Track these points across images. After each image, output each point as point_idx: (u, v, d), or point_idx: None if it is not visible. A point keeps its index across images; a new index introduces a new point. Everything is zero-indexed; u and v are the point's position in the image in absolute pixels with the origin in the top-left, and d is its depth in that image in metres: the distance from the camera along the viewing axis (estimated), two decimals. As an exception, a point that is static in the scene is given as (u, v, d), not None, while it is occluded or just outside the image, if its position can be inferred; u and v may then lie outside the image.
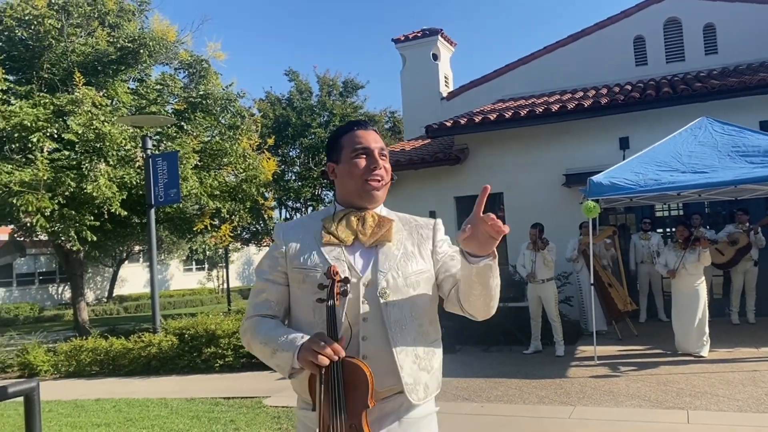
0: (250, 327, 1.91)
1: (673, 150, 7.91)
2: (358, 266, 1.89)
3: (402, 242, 1.96)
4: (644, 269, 10.51)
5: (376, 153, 1.95)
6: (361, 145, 1.95)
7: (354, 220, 1.94)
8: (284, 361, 1.77)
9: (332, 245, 1.91)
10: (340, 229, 1.93)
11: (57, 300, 29.05)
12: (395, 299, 1.86)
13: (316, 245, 1.91)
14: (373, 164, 1.94)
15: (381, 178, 1.95)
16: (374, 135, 1.99)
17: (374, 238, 1.92)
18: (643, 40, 12.81)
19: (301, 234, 1.97)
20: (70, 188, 10.81)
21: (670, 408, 5.77)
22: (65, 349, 9.97)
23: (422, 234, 2.01)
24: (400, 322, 1.86)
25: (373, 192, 1.94)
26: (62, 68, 12.31)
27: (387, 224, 1.96)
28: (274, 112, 23.51)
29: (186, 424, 6.25)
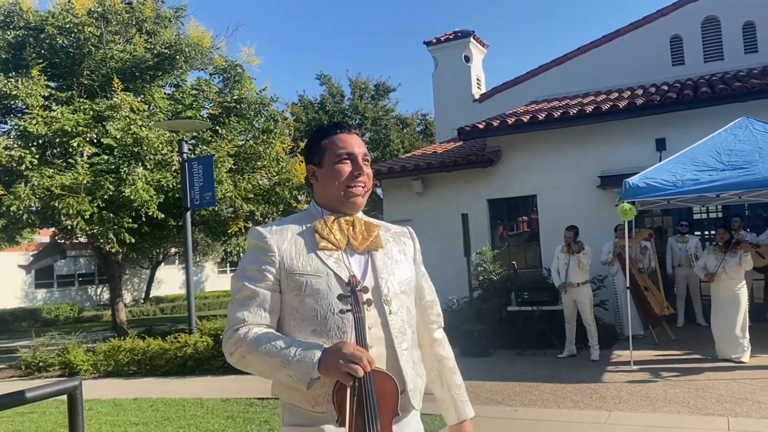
0: (244, 338, 1.76)
1: (712, 149, 7.72)
2: (357, 272, 1.84)
3: (390, 249, 1.94)
4: (681, 273, 10.31)
5: (359, 159, 1.89)
6: (345, 149, 1.89)
7: (345, 225, 1.89)
8: (301, 372, 1.66)
9: (328, 249, 1.84)
10: (334, 233, 1.87)
11: (96, 301, 29.70)
12: (396, 306, 1.85)
13: (313, 250, 1.83)
14: (356, 171, 1.88)
15: (364, 185, 1.90)
16: (357, 139, 1.94)
17: (365, 244, 1.88)
18: (680, 40, 12.57)
19: (290, 238, 1.86)
20: (109, 191, 11.06)
21: (710, 414, 5.64)
22: (104, 349, 10.19)
23: (404, 241, 2.01)
24: (401, 329, 1.84)
25: (356, 199, 1.89)
26: (101, 74, 12.60)
27: (375, 230, 1.93)
28: (306, 116, 23.71)
29: (221, 424, 6.34)
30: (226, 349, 1.81)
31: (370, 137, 24.72)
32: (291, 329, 1.81)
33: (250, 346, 1.75)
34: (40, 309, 23.96)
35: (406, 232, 2.06)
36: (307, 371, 1.66)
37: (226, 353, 1.82)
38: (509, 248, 11.92)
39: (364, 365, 1.60)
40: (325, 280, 1.79)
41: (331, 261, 1.82)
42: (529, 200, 11.80)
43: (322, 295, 1.78)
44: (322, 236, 1.85)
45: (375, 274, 1.85)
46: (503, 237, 12.17)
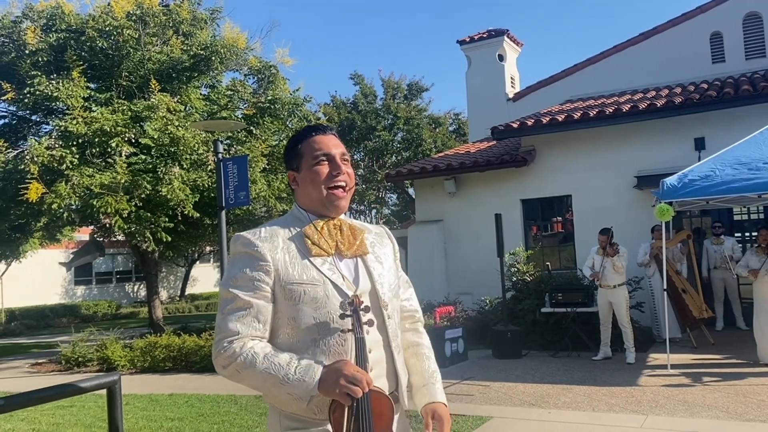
0: (240, 351, 1.70)
1: (753, 146, 7.52)
2: (350, 277, 1.82)
3: (376, 253, 1.93)
4: (718, 275, 10.08)
5: (337, 158, 1.87)
6: (321, 151, 1.86)
7: (333, 230, 1.86)
8: (301, 390, 1.65)
9: (320, 257, 1.80)
10: (324, 238, 1.83)
11: (133, 298, 30.30)
12: (391, 309, 1.87)
13: (306, 257, 1.79)
14: (335, 170, 1.86)
15: (345, 184, 1.87)
16: (334, 139, 1.91)
17: (353, 249, 1.86)
18: (721, 37, 12.28)
19: (282, 245, 1.80)
20: (146, 191, 11.27)
21: (751, 420, 5.50)
22: (140, 345, 10.39)
23: (385, 243, 2.00)
24: (395, 332, 1.88)
25: (338, 201, 1.86)
26: (139, 76, 12.84)
27: (360, 234, 1.90)
28: (339, 116, 23.81)
29: (255, 421, 6.40)
30: (218, 362, 1.74)
31: (402, 137, 24.72)
32: (287, 339, 1.76)
33: (247, 362, 1.69)
34: (79, 305, 24.55)
35: (384, 233, 2.03)
36: (308, 390, 1.65)
37: (218, 366, 1.75)
38: (543, 249, 11.80)
39: (363, 386, 1.61)
40: (322, 289, 1.76)
41: (325, 268, 1.79)
42: (563, 200, 11.67)
43: (320, 304, 1.75)
44: (313, 242, 1.81)
45: (371, 278, 1.86)
46: (537, 238, 12.05)
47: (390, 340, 1.84)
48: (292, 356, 1.71)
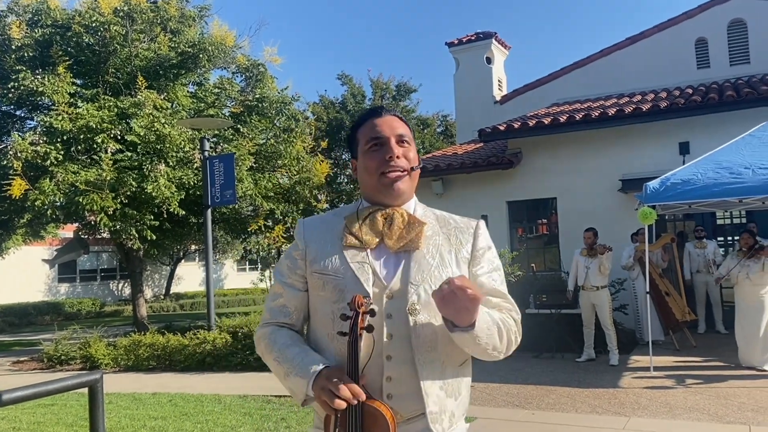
0: (264, 337, 1.74)
1: (735, 151, 7.60)
2: (383, 274, 1.66)
3: (438, 249, 1.71)
4: (700, 279, 10.18)
5: (392, 141, 1.71)
6: (374, 134, 1.73)
7: (380, 220, 1.71)
8: (298, 388, 1.60)
9: (355, 248, 1.69)
10: (364, 229, 1.70)
11: (117, 296, 30.10)
12: (426, 317, 1.63)
13: (338, 247, 1.70)
14: (388, 154, 1.69)
15: (401, 169, 1.70)
16: (391, 121, 1.75)
17: (401, 243, 1.68)
18: (706, 42, 12.41)
19: (322, 233, 1.75)
20: (131, 188, 11.21)
21: (731, 423, 5.57)
22: (124, 344, 10.32)
23: (461, 239, 1.76)
24: (430, 344, 1.62)
25: (394, 186, 1.69)
26: (126, 72, 12.77)
27: (417, 227, 1.70)
28: (327, 116, 23.80)
29: (238, 421, 6.39)
30: (255, 346, 1.80)
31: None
32: (316, 331, 1.73)
33: (266, 348, 1.72)
34: (62, 303, 24.34)
35: (470, 226, 1.80)
36: (302, 389, 1.59)
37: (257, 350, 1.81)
38: (528, 250, 11.86)
39: (346, 397, 1.48)
40: (343, 282, 1.66)
41: (356, 260, 1.67)
42: (548, 203, 11.74)
43: (339, 297, 1.65)
44: (350, 232, 1.71)
45: (405, 278, 1.65)
46: (522, 239, 12.11)
47: (415, 353, 1.60)
48: (304, 349, 1.66)
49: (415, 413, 1.63)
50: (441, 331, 1.62)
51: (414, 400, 1.61)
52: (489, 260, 1.78)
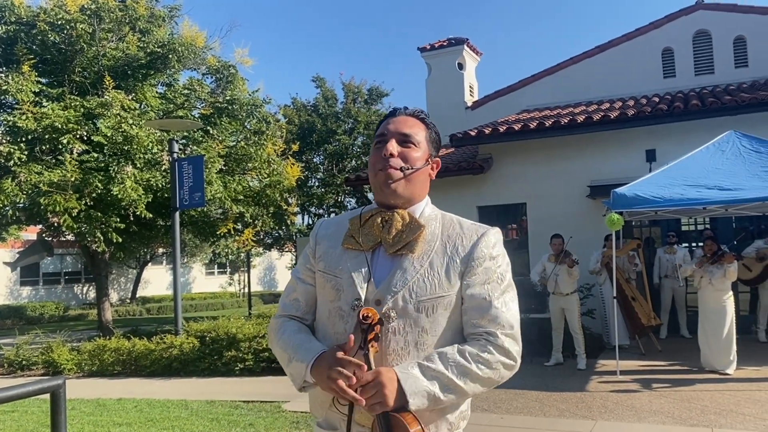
0: (274, 328, 1.79)
1: (700, 165, 7.82)
2: (376, 278, 1.65)
3: (429, 255, 1.65)
4: (668, 284, 10.36)
5: (392, 137, 1.69)
6: (380, 132, 1.73)
7: (378, 223, 1.69)
8: (297, 372, 1.61)
9: (355, 250, 1.70)
10: (363, 231, 1.70)
11: (81, 300, 29.49)
12: (401, 325, 1.59)
13: (341, 247, 1.73)
14: (384, 151, 1.67)
15: (393, 168, 1.66)
16: (402, 120, 1.74)
17: (398, 246, 1.65)
18: (672, 52, 12.67)
19: (333, 233, 1.78)
20: (97, 190, 11.00)
21: (695, 425, 5.67)
22: (89, 349, 10.11)
23: (458, 247, 1.67)
24: (401, 354, 1.59)
25: (389, 184, 1.66)
26: (93, 72, 12.55)
27: (416, 231, 1.66)
28: (299, 118, 23.68)
29: (206, 426, 6.29)
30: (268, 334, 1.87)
31: (362, 141, 24.73)
32: (319, 325, 1.76)
33: (274, 337, 1.77)
34: (24, 307, 23.76)
35: (474, 234, 1.70)
36: (300, 373, 1.60)
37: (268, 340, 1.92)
38: (498, 255, 11.93)
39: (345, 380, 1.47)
40: (340, 282, 1.67)
41: (355, 262, 1.68)
42: (518, 208, 11.84)
43: (335, 297, 1.67)
44: (351, 234, 1.72)
45: (388, 284, 1.63)
46: (492, 244, 12.18)
47: (387, 361, 1.58)
48: (308, 338, 1.69)
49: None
50: (414, 342, 1.60)
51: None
52: (487, 270, 1.67)
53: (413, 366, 1.54)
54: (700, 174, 7.60)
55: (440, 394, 1.53)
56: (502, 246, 1.75)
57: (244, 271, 30.53)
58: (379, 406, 1.48)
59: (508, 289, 1.70)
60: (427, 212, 1.74)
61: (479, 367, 1.57)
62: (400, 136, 1.70)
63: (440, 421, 1.63)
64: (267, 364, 9.01)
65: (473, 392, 1.59)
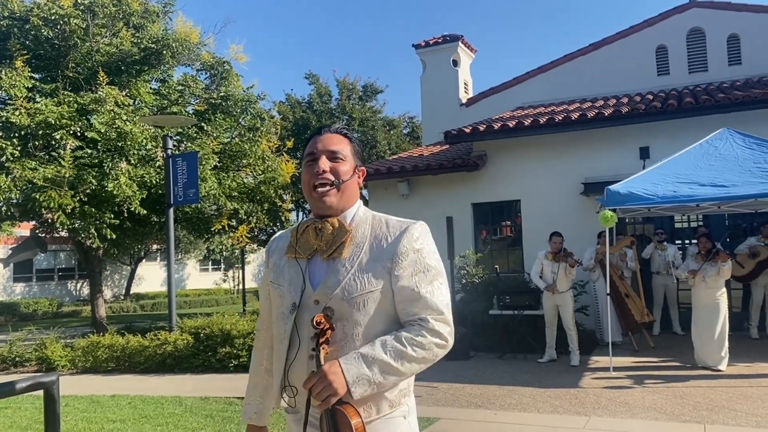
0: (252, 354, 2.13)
1: (693, 162, 7.84)
2: (312, 282, 1.82)
3: (359, 256, 1.80)
4: (659, 281, 10.40)
5: (322, 157, 1.84)
6: (309, 150, 1.89)
7: (311, 232, 1.86)
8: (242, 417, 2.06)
9: (295, 259, 1.88)
10: (301, 241, 1.88)
11: (75, 296, 29.40)
12: (337, 320, 1.76)
13: (285, 258, 1.92)
14: (315, 168, 1.83)
15: (327, 182, 1.82)
16: (329, 138, 1.88)
17: (329, 252, 1.82)
18: (666, 50, 12.71)
19: (281, 246, 1.97)
20: (91, 186, 10.96)
21: (687, 422, 5.70)
22: (82, 345, 10.08)
23: (383, 243, 1.81)
24: (340, 345, 1.75)
25: (323, 198, 1.82)
26: (87, 67, 12.49)
27: (344, 235, 1.82)
28: (293, 115, 23.66)
29: (200, 423, 6.30)
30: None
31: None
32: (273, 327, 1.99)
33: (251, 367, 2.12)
34: (18, 303, 23.65)
35: (397, 230, 1.83)
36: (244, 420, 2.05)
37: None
38: (492, 252, 11.98)
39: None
40: (282, 290, 1.88)
41: (293, 270, 1.87)
42: (512, 205, 11.87)
43: (280, 303, 1.88)
44: (291, 244, 1.91)
45: (324, 285, 1.79)
46: (486, 241, 12.22)
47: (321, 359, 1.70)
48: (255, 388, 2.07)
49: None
50: (351, 334, 1.76)
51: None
52: (414, 262, 1.79)
53: (355, 356, 1.69)
54: (693, 171, 7.63)
55: (380, 377, 1.68)
56: (428, 237, 1.88)
57: (238, 267, 30.48)
58: (331, 397, 1.63)
59: (436, 277, 1.82)
60: (358, 216, 1.88)
61: (414, 350, 1.72)
62: (328, 153, 1.86)
63: (380, 400, 1.77)
64: (261, 361, 9.01)
65: (411, 372, 1.75)
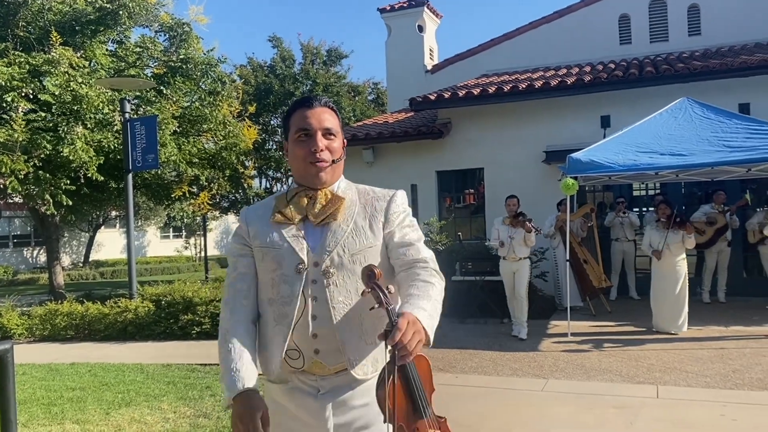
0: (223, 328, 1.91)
1: (653, 131, 7.97)
2: (310, 245, 1.88)
3: (353, 217, 1.91)
4: (618, 247, 10.62)
5: (318, 135, 1.89)
6: (303, 125, 1.91)
7: (305, 200, 1.93)
8: (224, 394, 1.82)
9: (285, 224, 1.91)
10: (291, 207, 1.93)
11: (32, 264, 28.74)
12: (340, 278, 1.85)
13: (271, 223, 1.94)
14: (313, 147, 1.88)
15: (324, 161, 1.90)
16: (320, 113, 1.92)
17: (321, 217, 1.89)
18: (629, 19, 12.80)
19: (261, 214, 1.98)
20: (46, 151, 10.62)
21: (641, 383, 5.90)
22: (40, 313, 9.88)
23: (376, 207, 1.95)
24: (345, 301, 1.85)
25: (319, 174, 1.90)
26: (38, 27, 11.99)
27: (337, 202, 1.92)
28: (256, 79, 23.20)
29: (162, 389, 6.26)
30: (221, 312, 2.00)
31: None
32: (259, 295, 1.95)
33: (221, 337, 1.90)
34: (-29, 271, 23.05)
35: (386, 196, 1.98)
36: (226, 398, 1.79)
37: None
38: (455, 220, 12.07)
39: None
40: (279, 252, 1.88)
41: (289, 234, 1.90)
42: (476, 173, 11.94)
43: (277, 266, 1.88)
44: (279, 211, 1.93)
45: (322, 246, 1.87)
46: (450, 209, 12.30)
47: (331, 309, 1.83)
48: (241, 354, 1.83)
49: (342, 366, 1.85)
50: (355, 289, 1.84)
51: (338, 353, 1.84)
52: (403, 220, 1.96)
53: (411, 306, 1.71)
54: (653, 140, 7.76)
55: (436, 320, 1.79)
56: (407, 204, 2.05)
57: (200, 235, 30.15)
58: (420, 345, 1.62)
59: (420, 236, 1.99)
60: (342, 186, 1.99)
61: (437, 288, 1.85)
62: (323, 130, 1.91)
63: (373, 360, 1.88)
64: (224, 328, 8.99)
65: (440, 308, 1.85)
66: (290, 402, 1.92)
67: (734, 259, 10.14)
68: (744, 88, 10.07)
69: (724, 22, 12.08)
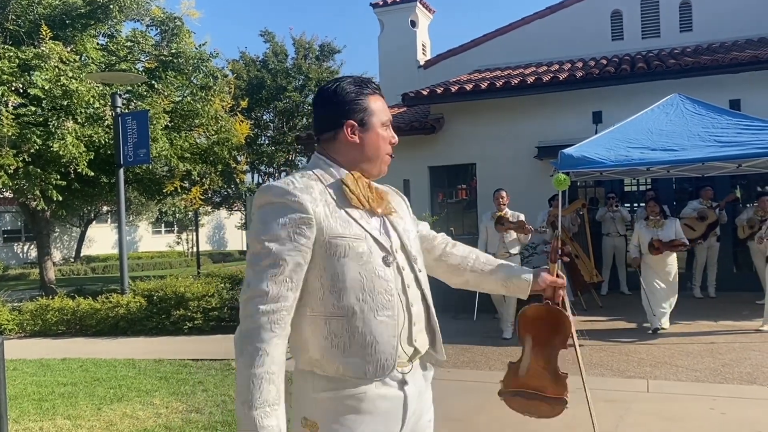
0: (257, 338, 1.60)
1: (645, 127, 7.99)
2: (389, 233, 1.81)
3: (399, 210, 1.93)
4: (609, 242, 10.68)
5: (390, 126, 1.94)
6: (389, 116, 1.89)
7: (367, 187, 1.83)
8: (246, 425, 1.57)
9: (360, 209, 1.75)
10: (363, 191, 1.78)
11: (22, 259, 28.61)
12: (421, 263, 1.92)
13: (343, 208, 1.72)
14: (394, 138, 1.91)
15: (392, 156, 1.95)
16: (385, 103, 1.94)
17: (382, 207, 1.82)
18: (621, 15, 12.83)
19: (319, 196, 1.71)
20: (35, 145, 10.55)
21: (631, 377, 5.94)
22: (31, 308, 9.84)
23: (403, 205, 2.01)
24: (427, 284, 1.92)
25: (386, 167, 1.93)
26: (28, 20, 11.90)
27: (385, 194, 1.90)
28: (248, 74, 23.12)
29: (154, 385, 6.25)
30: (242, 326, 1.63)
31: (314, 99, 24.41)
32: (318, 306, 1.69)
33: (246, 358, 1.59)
34: (-40, 266, 22.92)
35: (395, 192, 2.04)
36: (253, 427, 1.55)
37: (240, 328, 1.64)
38: (448, 215, 12.09)
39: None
40: (365, 243, 1.71)
41: (363, 222, 1.73)
42: (468, 168, 11.96)
43: (366, 260, 1.70)
44: (352, 192, 1.74)
45: (398, 235, 1.84)
46: (443, 204, 12.32)
47: (425, 293, 1.89)
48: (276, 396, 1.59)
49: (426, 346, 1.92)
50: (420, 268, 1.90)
51: (427, 333, 1.91)
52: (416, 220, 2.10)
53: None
54: (644, 136, 7.78)
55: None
56: None
57: (192, 230, 30.06)
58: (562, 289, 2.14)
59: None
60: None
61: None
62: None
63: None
64: (216, 323, 8.97)
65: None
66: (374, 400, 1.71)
67: (724, 255, 10.21)
68: (735, 85, 10.13)
69: (716, 18, 12.13)
